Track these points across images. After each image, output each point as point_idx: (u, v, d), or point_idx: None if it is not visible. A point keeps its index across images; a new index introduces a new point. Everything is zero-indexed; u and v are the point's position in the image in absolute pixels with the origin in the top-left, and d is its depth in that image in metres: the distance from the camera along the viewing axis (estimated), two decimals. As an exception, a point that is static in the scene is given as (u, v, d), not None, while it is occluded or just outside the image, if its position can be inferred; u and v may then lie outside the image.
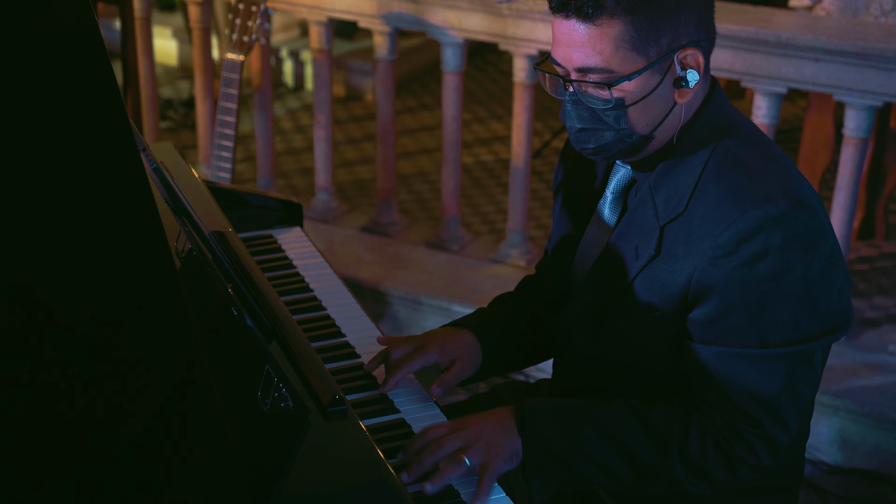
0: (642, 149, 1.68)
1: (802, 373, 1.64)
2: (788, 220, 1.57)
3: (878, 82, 2.94)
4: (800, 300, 1.60)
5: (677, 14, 1.58)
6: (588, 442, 1.66)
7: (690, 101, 1.65)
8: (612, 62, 1.58)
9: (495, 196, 4.29)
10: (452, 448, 1.62)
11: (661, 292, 1.67)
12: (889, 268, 3.76)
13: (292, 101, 5.22)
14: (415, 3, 3.43)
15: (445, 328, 1.91)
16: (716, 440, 1.64)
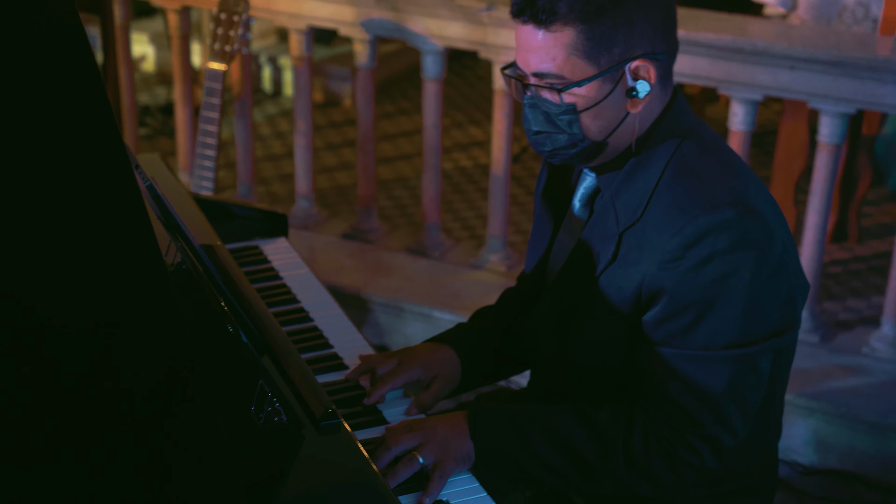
0: (597, 154, 1.73)
1: (747, 375, 1.69)
2: (735, 225, 1.63)
3: (851, 90, 2.99)
4: (745, 304, 1.65)
5: (631, 26, 1.64)
6: (536, 444, 1.72)
7: (647, 110, 1.71)
8: (564, 68, 1.65)
9: (475, 201, 4.32)
10: (407, 445, 1.69)
11: (617, 296, 1.73)
12: (862, 270, 3.82)
13: (271, 107, 5.24)
14: (395, 11, 3.46)
15: (427, 344, 1.96)
16: (659, 441, 1.70)
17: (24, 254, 1.33)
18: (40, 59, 1.36)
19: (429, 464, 1.68)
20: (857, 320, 3.43)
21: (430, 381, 1.90)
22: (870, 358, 3.17)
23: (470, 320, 2.06)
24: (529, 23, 1.65)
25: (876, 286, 3.68)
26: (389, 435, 1.70)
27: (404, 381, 1.86)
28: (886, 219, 4.19)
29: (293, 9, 3.62)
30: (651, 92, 1.69)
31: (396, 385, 1.84)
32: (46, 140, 1.37)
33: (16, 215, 1.33)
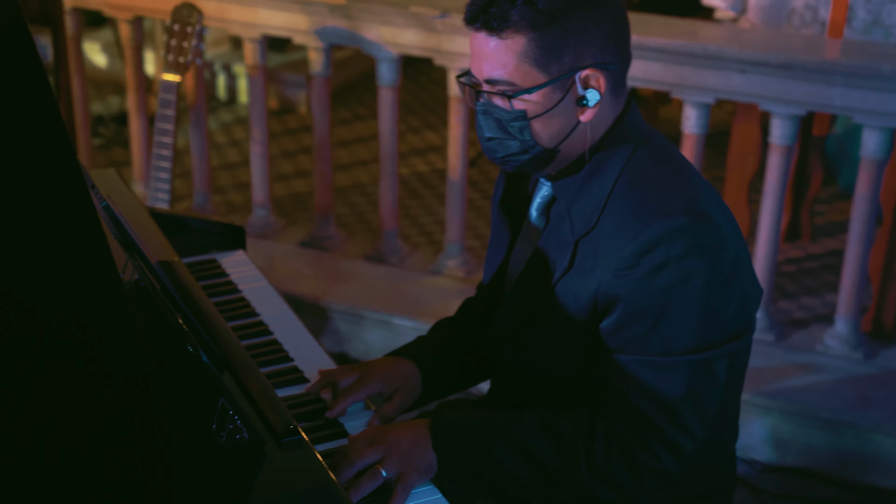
0: (549, 162, 1.75)
1: (704, 380, 1.71)
2: (688, 232, 1.65)
3: (801, 92, 3.03)
4: (700, 309, 1.67)
5: (581, 35, 1.66)
6: (498, 453, 1.73)
7: (599, 119, 1.73)
8: (515, 75, 1.67)
9: (432, 207, 4.33)
10: (370, 460, 1.70)
11: (574, 304, 1.75)
12: (815, 269, 3.87)
13: (225, 115, 5.22)
14: (349, 19, 3.47)
15: (388, 358, 1.96)
16: (620, 447, 1.71)
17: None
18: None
19: (392, 476, 1.69)
20: (811, 318, 3.48)
21: (392, 394, 1.90)
22: (824, 355, 3.22)
23: (430, 332, 2.07)
24: (482, 30, 1.67)
25: (829, 284, 3.73)
26: (352, 448, 1.71)
27: (366, 394, 1.86)
28: (838, 217, 4.25)
29: (247, 18, 3.61)
30: (602, 101, 1.71)
31: (358, 398, 1.85)
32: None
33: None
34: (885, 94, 2.94)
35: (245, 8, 3.59)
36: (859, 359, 3.19)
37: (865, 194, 3.09)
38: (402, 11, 3.37)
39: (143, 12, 3.79)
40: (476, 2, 1.68)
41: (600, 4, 1.66)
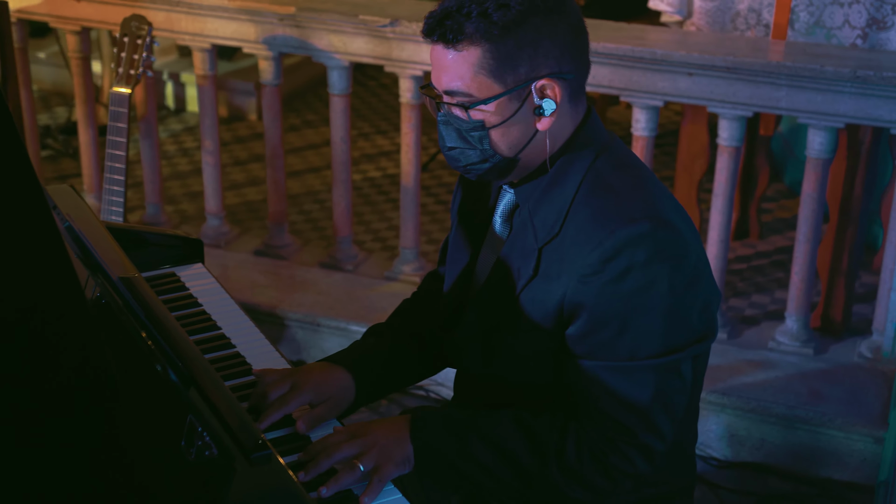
0: (510, 170, 1.78)
1: (672, 382, 1.75)
2: (651, 238, 1.68)
3: (747, 94, 3.09)
4: (665, 313, 1.71)
5: (536, 46, 1.69)
6: (474, 449, 1.76)
7: (558, 127, 1.76)
8: (472, 86, 1.70)
9: (385, 212, 4.35)
10: (348, 453, 1.71)
11: (540, 311, 1.77)
12: (765, 266, 3.94)
13: (175, 124, 5.19)
14: (299, 27, 3.47)
15: (321, 364, 1.95)
16: (592, 450, 1.74)
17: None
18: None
19: (369, 469, 1.70)
20: (762, 315, 3.54)
21: (320, 403, 1.88)
22: (776, 352, 3.28)
23: (364, 338, 2.06)
24: (439, 43, 1.70)
25: (778, 280, 3.80)
26: (331, 442, 1.72)
27: (296, 405, 1.84)
28: (785, 214, 4.33)
29: (196, 28, 3.60)
30: (560, 109, 1.73)
31: (288, 410, 1.82)
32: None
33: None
34: (829, 95, 3.00)
35: (194, 18, 3.58)
36: (810, 354, 3.25)
37: (812, 193, 3.15)
38: (352, 20, 3.38)
39: (90, 24, 3.77)
40: (433, 15, 1.71)
41: (555, 15, 1.69)
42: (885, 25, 3.23)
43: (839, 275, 3.39)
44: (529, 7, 1.67)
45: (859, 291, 3.60)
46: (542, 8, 1.68)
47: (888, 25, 3.22)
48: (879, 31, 3.24)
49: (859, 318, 3.49)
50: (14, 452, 1.37)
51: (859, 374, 3.19)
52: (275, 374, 1.88)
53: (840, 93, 2.98)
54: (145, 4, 3.58)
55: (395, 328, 2.05)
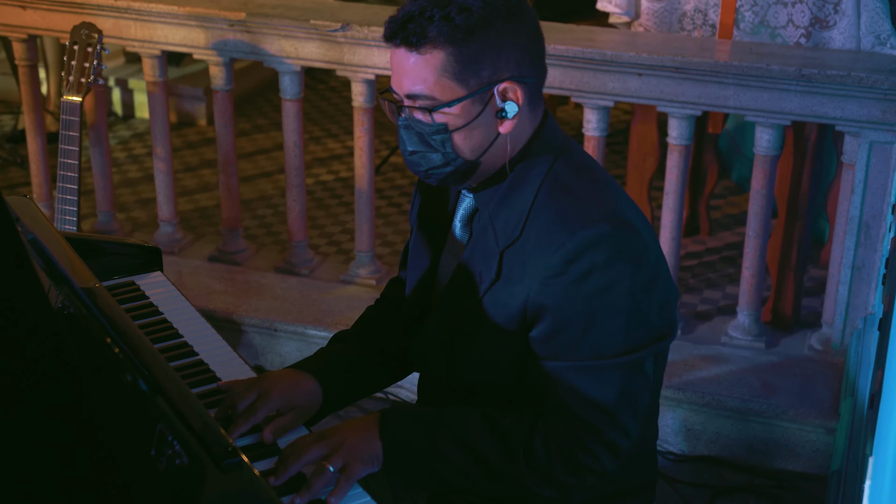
0: (471, 174, 1.80)
1: (636, 380, 1.78)
2: (611, 239, 1.72)
3: (696, 93, 3.14)
4: (627, 313, 1.74)
5: (498, 49, 1.71)
6: (443, 446, 1.78)
7: (518, 131, 1.78)
8: (435, 89, 1.72)
9: (339, 216, 4.36)
10: (317, 455, 1.72)
11: (503, 313, 1.80)
12: (715, 262, 4.00)
13: (123, 131, 5.16)
14: (250, 33, 3.47)
15: (288, 371, 1.95)
16: (559, 448, 1.77)
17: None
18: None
19: (338, 469, 1.72)
20: (714, 310, 3.60)
21: (288, 411, 1.89)
22: (728, 346, 3.34)
23: (330, 344, 2.07)
24: (401, 46, 1.72)
25: (729, 276, 3.86)
26: (300, 444, 1.73)
27: (264, 414, 1.84)
28: (733, 210, 4.39)
29: (145, 35, 3.59)
30: (520, 113, 1.76)
31: (257, 419, 1.83)
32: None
33: None
34: (775, 93, 3.06)
35: (143, 25, 3.57)
36: (761, 348, 3.31)
37: (761, 189, 3.21)
38: (303, 25, 3.39)
39: (36, 31, 3.74)
40: (395, 19, 1.72)
41: (516, 19, 1.72)
42: (828, 24, 3.29)
43: (788, 269, 3.45)
44: (491, 11, 1.69)
45: (807, 285, 3.67)
46: (504, 12, 1.70)
47: (830, 24, 3.29)
48: (822, 29, 3.31)
49: (808, 311, 3.56)
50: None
51: (810, 366, 3.25)
52: (241, 384, 1.89)
53: (786, 91, 3.04)
54: (93, 11, 3.56)
55: (360, 334, 2.06)
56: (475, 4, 1.69)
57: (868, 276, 3.16)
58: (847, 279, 3.17)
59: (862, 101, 2.99)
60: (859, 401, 2.78)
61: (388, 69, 3.40)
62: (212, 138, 5.10)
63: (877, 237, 3.11)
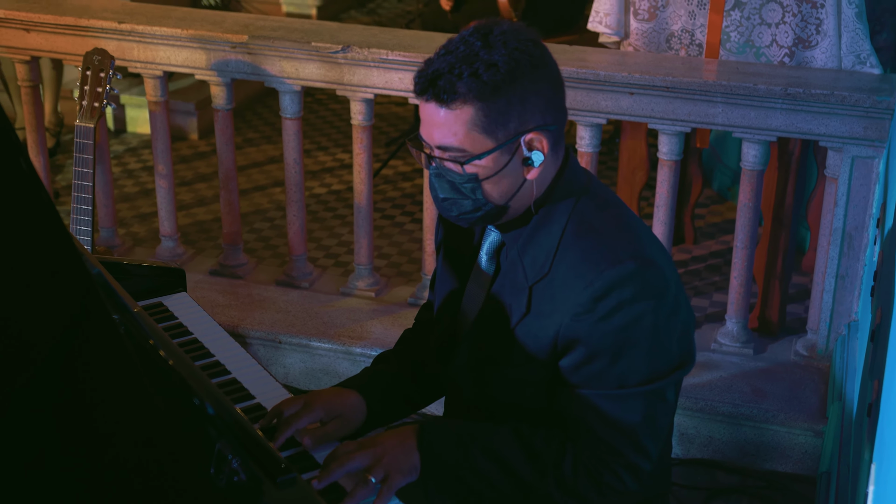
0: (500, 217, 1.92)
1: (658, 406, 1.91)
2: (636, 277, 1.84)
3: (685, 111, 3.28)
4: (650, 345, 1.86)
5: (523, 102, 1.81)
6: (477, 460, 1.90)
7: (543, 174, 1.89)
8: (465, 142, 1.82)
9: (335, 228, 4.46)
10: (359, 464, 1.84)
11: (534, 344, 1.92)
12: (701, 270, 4.14)
13: (116, 146, 5.24)
14: (251, 54, 3.57)
15: (333, 388, 2.09)
16: (587, 468, 1.90)
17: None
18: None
19: (380, 479, 1.84)
20: (702, 318, 3.73)
21: (330, 421, 2.02)
22: (718, 353, 3.48)
23: (373, 364, 2.21)
24: (432, 101, 1.81)
25: (715, 284, 4.00)
26: (341, 453, 1.85)
27: (307, 422, 1.97)
28: (716, 219, 4.54)
29: (147, 57, 3.68)
30: (545, 159, 1.87)
31: (300, 426, 1.96)
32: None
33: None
34: (762, 111, 3.20)
35: (146, 47, 3.66)
36: (750, 354, 3.45)
37: (748, 203, 3.35)
38: (304, 47, 3.49)
39: (40, 53, 3.82)
40: (424, 74, 1.82)
41: (540, 71, 1.82)
42: (811, 44, 3.44)
43: (774, 278, 3.59)
44: (516, 66, 1.79)
45: (790, 292, 3.82)
46: (528, 65, 1.80)
47: (813, 44, 3.44)
48: (805, 49, 3.45)
49: (792, 318, 3.70)
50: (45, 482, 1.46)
51: (797, 371, 3.40)
52: (289, 398, 2.02)
53: (772, 108, 3.18)
54: (97, 34, 3.65)
55: (399, 354, 2.18)
56: (501, 60, 1.78)
57: (851, 285, 3.30)
58: (831, 287, 3.32)
59: (844, 118, 3.14)
60: (847, 405, 2.92)
61: (386, 89, 3.52)
62: (204, 152, 5.19)
63: (859, 247, 3.26)
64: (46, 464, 1.40)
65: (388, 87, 3.50)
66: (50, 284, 1.44)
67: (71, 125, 5.23)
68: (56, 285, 1.44)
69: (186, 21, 3.65)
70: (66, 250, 1.45)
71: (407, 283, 3.92)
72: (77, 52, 3.64)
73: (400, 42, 3.48)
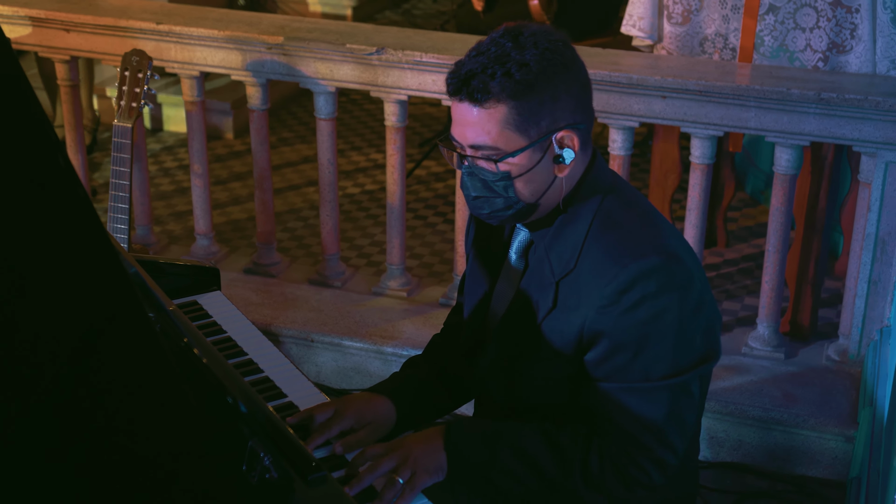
0: (530, 214, 1.95)
1: (683, 400, 1.93)
2: (661, 271, 1.86)
3: (718, 115, 3.28)
4: (674, 338, 1.88)
5: (555, 100, 1.85)
6: (503, 458, 1.93)
7: (573, 172, 1.93)
8: (499, 141, 1.86)
9: (367, 228, 4.49)
10: (387, 468, 1.88)
11: (560, 339, 1.94)
12: (733, 273, 4.13)
13: (153, 144, 5.29)
14: (286, 55, 3.61)
15: (364, 394, 2.11)
16: (613, 463, 1.92)
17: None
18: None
19: (406, 479, 1.87)
20: (734, 321, 3.73)
21: (361, 428, 2.04)
22: (749, 357, 3.47)
23: (403, 369, 2.24)
24: (465, 101, 1.85)
25: (746, 287, 4.00)
26: (370, 456, 1.88)
27: (339, 429, 2.00)
28: (749, 222, 4.53)
29: (185, 57, 3.73)
30: (575, 157, 1.90)
31: (332, 434, 1.98)
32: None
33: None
34: (795, 116, 3.19)
35: (183, 47, 3.71)
36: (781, 358, 3.45)
37: (780, 207, 3.35)
38: (339, 49, 3.52)
39: (79, 53, 3.87)
40: (457, 75, 1.85)
41: (569, 72, 1.86)
42: (845, 49, 3.43)
43: (806, 282, 3.59)
44: (548, 65, 1.83)
45: (822, 296, 3.81)
46: (560, 65, 1.84)
47: (847, 49, 3.43)
48: (839, 54, 3.44)
49: (824, 322, 3.69)
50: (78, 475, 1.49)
51: (828, 376, 3.39)
52: (320, 404, 2.05)
53: (805, 113, 3.18)
54: (135, 35, 3.70)
55: (428, 359, 2.21)
56: (532, 60, 1.82)
57: (884, 290, 3.30)
58: (864, 293, 3.31)
59: (878, 123, 3.13)
60: (878, 410, 2.92)
61: (419, 90, 3.54)
62: (239, 151, 5.24)
63: (892, 253, 3.25)
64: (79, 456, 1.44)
65: (422, 88, 3.52)
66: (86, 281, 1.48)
67: (106, 123, 5.31)
68: (92, 282, 1.48)
69: (223, 22, 3.69)
70: (103, 248, 1.48)
71: (438, 283, 3.95)
72: (116, 53, 3.69)
73: (434, 44, 3.51)
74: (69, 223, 1.47)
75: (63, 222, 1.46)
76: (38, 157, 1.43)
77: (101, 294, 1.49)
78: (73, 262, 1.48)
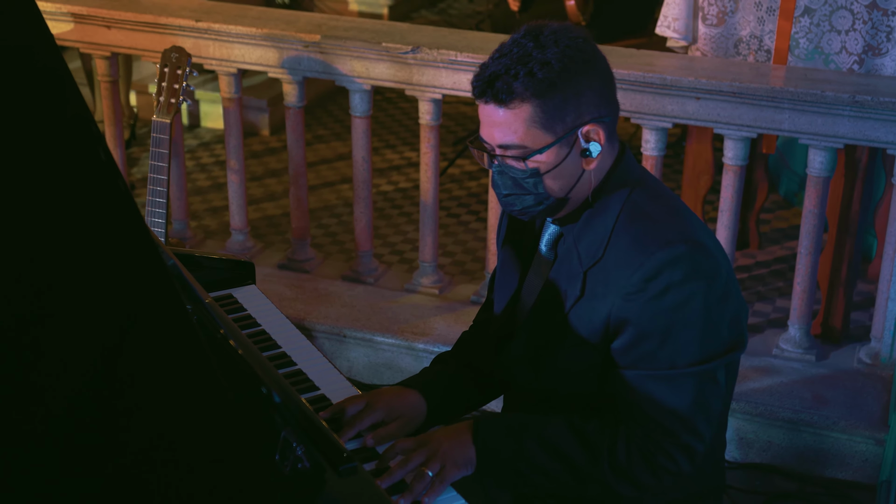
0: (560, 209, 1.98)
1: (709, 388, 1.95)
2: (687, 259, 1.89)
3: (751, 117, 3.28)
4: (701, 326, 1.91)
5: (579, 96, 1.88)
6: (531, 451, 1.96)
7: (599, 165, 1.96)
8: (526, 139, 1.89)
9: (400, 226, 4.53)
10: (417, 462, 1.91)
11: (587, 327, 1.97)
12: (765, 275, 4.13)
13: (190, 140, 5.36)
14: (323, 53, 3.65)
15: (395, 388, 2.15)
16: (640, 451, 1.94)
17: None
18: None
19: (436, 472, 1.91)
20: (765, 322, 3.73)
21: (392, 421, 2.07)
22: (780, 358, 3.48)
23: (432, 365, 2.27)
24: (490, 102, 1.89)
25: (779, 289, 3.99)
26: (400, 451, 1.92)
27: (370, 422, 2.03)
28: (782, 224, 4.53)
29: (223, 54, 3.77)
30: (601, 150, 1.93)
31: (363, 426, 2.02)
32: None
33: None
34: (829, 118, 3.20)
35: (221, 44, 3.75)
36: (812, 360, 3.45)
37: (813, 209, 3.35)
38: (375, 47, 3.56)
39: (120, 49, 3.93)
40: (480, 77, 1.90)
41: (592, 66, 1.89)
42: (881, 52, 3.43)
43: (838, 285, 3.58)
44: (570, 62, 1.86)
45: (855, 299, 3.80)
46: (581, 61, 1.88)
47: (883, 52, 3.42)
48: (875, 57, 3.44)
49: (856, 325, 3.69)
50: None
51: (859, 379, 3.39)
52: (351, 396, 2.08)
53: (839, 116, 3.18)
54: (175, 32, 3.75)
55: (457, 355, 2.24)
56: (554, 58, 1.86)
57: (916, 294, 3.29)
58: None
59: (913, 126, 3.12)
60: (908, 414, 2.92)
61: (454, 89, 3.57)
62: (274, 148, 5.29)
63: (925, 256, 3.25)
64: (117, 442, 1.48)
65: (457, 87, 3.55)
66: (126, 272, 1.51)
67: (144, 118, 5.37)
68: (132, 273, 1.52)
69: (261, 20, 3.74)
70: (142, 239, 1.52)
71: (470, 281, 3.97)
72: (155, 49, 3.74)
73: (469, 44, 3.54)
74: (110, 215, 1.51)
75: (103, 214, 1.50)
76: (80, 150, 1.47)
77: (141, 285, 1.53)
78: (114, 252, 1.52)
